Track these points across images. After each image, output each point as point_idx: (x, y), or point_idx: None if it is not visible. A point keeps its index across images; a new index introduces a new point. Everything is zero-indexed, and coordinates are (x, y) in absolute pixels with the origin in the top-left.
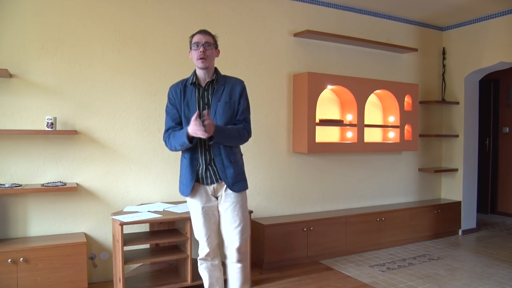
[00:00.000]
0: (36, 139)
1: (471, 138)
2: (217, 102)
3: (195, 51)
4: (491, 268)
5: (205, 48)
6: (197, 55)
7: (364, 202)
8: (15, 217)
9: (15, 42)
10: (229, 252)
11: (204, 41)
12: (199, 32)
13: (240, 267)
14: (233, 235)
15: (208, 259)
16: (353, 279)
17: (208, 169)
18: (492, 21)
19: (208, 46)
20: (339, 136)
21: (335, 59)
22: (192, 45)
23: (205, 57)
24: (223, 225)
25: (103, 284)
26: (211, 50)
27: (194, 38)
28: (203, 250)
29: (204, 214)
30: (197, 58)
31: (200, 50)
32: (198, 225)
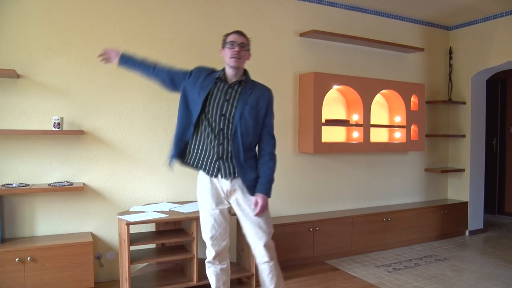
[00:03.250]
0: (43, 139)
1: (478, 138)
2: (244, 105)
3: (229, 49)
4: (499, 269)
5: (240, 49)
6: (231, 53)
7: (370, 202)
8: (22, 217)
9: (22, 43)
10: (258, 254)
11: (240, 42)
12: (235, 32)
13: (272, 265)
14: (259, 235)
15: (215, 262)
16: (359, 279)
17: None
18: (499, 20)
19: (243, 47)
20: (345, 136)
21: (341, 59)
22: (226, 43)
23: (239, 57)
24: (247, 228)
25: (109, 283)
26: (245, 51)
27: (229, 37)
28: (210, 253)
29: (214, 216)
30: (230, 57)
31: (235, 49)
32: (206, 226)
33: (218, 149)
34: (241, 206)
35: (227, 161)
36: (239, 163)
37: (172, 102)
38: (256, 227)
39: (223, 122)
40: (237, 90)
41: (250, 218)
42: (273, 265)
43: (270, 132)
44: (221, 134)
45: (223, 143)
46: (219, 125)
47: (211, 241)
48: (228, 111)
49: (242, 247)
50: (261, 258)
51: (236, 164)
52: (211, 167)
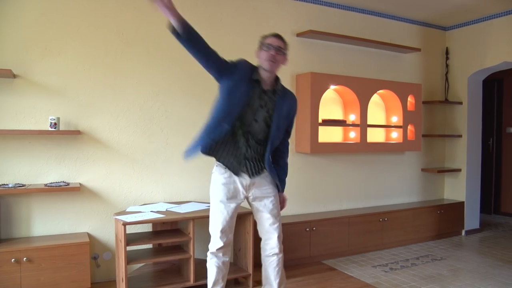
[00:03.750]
0: (39, 139)
1: (474, 138)
2: (279, 116)
3: (265, 52)
4: (495, 269)
5: (276, 52)
6: (267, 56)
7: (367, 202)
8: (18, 217)
9: (18, 43)
10: (270, 245)
11: (277, 45)
12: (274, 36)
13: (281, 257)
14: (274, 227)
15: (219, 254)
16: (355, 279)
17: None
18: (496, 20)
19: (279, 51)
20: (342, 136)
21: (338, 59)
22: (264, 45)
23: (274, 61)
24: (264, 219)
25: (106, 284)
26: (281, 56)
27: (267, 39)
28: (217, 243)
29: (228, 210)
30: (265, 59)
31: (271, 52)
32: (218, 219)
33: (247, 151)
34: (259, 198)
35: (253, 162)
36: (267, 164)
37: (168, 102)
38: (273, 218)
39: (257, 126)
40: (271, 97)
41: (268, 211)
42: (281, 258)
43: (289, 135)
44: (252, 137)
45: (254, 146)
46: (251, 128)
47: (220, 233)
48: (262, 117)
49: (239, 247)
50: (272, 250)
51: (264, 165)
52: (239, 166)
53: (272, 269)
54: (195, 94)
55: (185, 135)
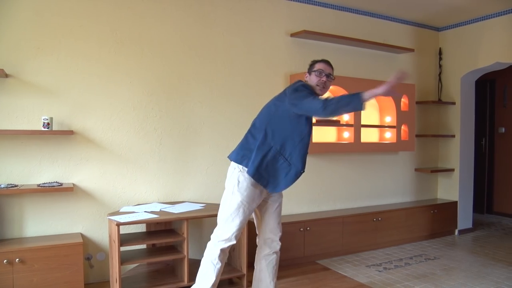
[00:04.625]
0: (32, 139)
1: (467, 138)
2: None
3: (317, 77)
4: (487, 268)
5: (327, 79)
6: (318, 82)
7: (361, 202)
8: (11, 218)
9: (11, 42)
10: (274, 243)
11: (327, 72)
12: (324, 62)
13: (279, 255)
14: (279, 227)
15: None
16: (349, 279)
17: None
18: (488, 21)
19: (329, 78)
20: (336, 136)
21: (332, 59)
22: (315, 71)
23: (326, 87)
24: (271, 220)
25: (99, 284)
26: (330, 81)
27: (318, 64)
28: (231, 241)
29: (251, 211)
30: (318, 84)
31: (322, 79)
32: (241, 217)
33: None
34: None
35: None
36: None
37: (162, 102)
38: (278, 218)
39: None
40: None
41: (277, 210)
42: (278, 257)
43: None
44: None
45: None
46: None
47: (237, 232)
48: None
49: (233, 247)
50: (273, 248)
51: None
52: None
53: (271, 268)
54: (188, 94)
55: (179, 135)
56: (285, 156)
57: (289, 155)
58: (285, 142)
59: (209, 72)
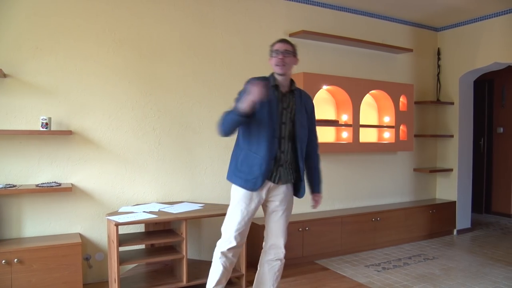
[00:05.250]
0: (30, 139)
1: (465, 138)
2: (300, 114)
3: (274, 58)
4: (486, 268)
5: (284, 56)
6: (276, 61)
7: (360, 202)
8: (9, 218)
9: (9, 42)
10: (276, 249)
11: (284, 49)
12: (280, 41)
13: (283, 264)
14: (283, 233)
15: (229, 254)
16: (348, 279)
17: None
18: (487, 22)
19: (287, 53)
20: (335, 136)
21: (330, 60)
22: (272, 52)
23: (283, 64)
24: (275, 226)
25: (98, 284)
26: (290, 58)
27: (274, 46)
28: (230, 243)
29: (248, 211)
30: (275, 64)
31: (279, 57)
32: (237, 219)
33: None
34: (278, 204)
35: (286, 168)
36: (299, 168)
37: (161, 102)
38: (284, 226)
39: (285, 130)
40: (290, 97)
41: (282, 217)
42: (283, 264)
43: (315, 135)
44: (283, 142)
45: (285, 151)
46: (281, 133)
47: (236, 233)
48: (289, 119)
49: None
50: (277, 255)
51: (296, 169)
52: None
53: (273, 274)
54: (187, 93)
55: (178, 135)
56: (253, 151)
57: (256, 149)
58: (251, 139)
59: (208, 72)
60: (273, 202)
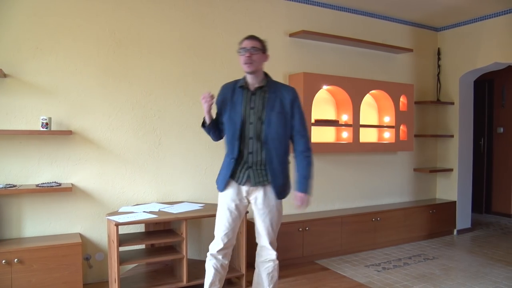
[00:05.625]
0: (30, 139)
1: (466, 138)
2: (271, 112)
3: (242, 56)
4: (486, 268)
5: (251, 53)
6: (243, 60)
7: (360, 202)
8: (9, 218)
9: (9, 42)
10: (265, 250)
11: (251, 46)
12: (247, 38)
13: (276, 264)
14: (267, 235)
15: (219, 256)
16: (348, 279)
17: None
18: (487, 21)
19: (255, 50)
20: (335, 136)
21: (330, 60)
22: (239, 50)
23: (251, 62)
24: (259, 227)
25: (98, 284)
26: (258, 54)
27: (242, 43)
28: (217, 245)
29: (230, 213)
30: (243, 63)
31: (246, 55)
32: (221, 220)
33: (248, 158)
34: (258, 206)
35: (257, 170)
36: (272, 169)
37: (161, 102)
38: (269, 227)
39: (253, 130)
40: (260, 96)
41: (264, 219)
42: (277, 265)
43: (300, 132)
44: (251, 142)
45: (254, 151)
46: (249, 133)
47: (222, 233)
48: (257, 118)
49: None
50: (268, 256)
51: (269, 170)
52: (241, 175)
53: (266, 274)
54: (187, 93)
55: (178, 135)
56: (226, 153)
57: (226, 151)
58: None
59: (208, 72)
60: (254, 204)
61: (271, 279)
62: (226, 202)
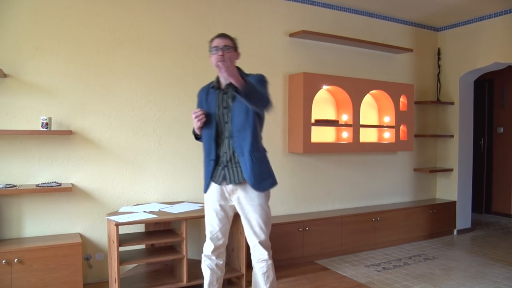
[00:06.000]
0: (31, 140)
1: (466, 138)
2: (237, 103)
3: (214, 55)
4: (486, 268)
5: (224, 52)
6: (216, 59)
7: (360, 202)
8: (9, 218)
9: (10, 42)
10: (256, 251)
11: (223, 45)
12: (218, 36)
13: (270, 264)
14: (253, 234)
15: (212, 257)
16: (348, 279)
17: (226, 169)
18: (487, 21)
19: (228, 49)
20: (335, 136)
21: (330, 60)
22: (211, 49)
23: (224, 61)
24: (245, 226)
25: (98, 284)
26: (230, 53)
27: (213, 42)
28: (209, 246)
29: (216, 213)
30: (216, 62)
31: (219, 54)
32: (208, 221)
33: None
34: (242, 205)
35: (232, 168)
36: (243, 162)
37: (161, 102)
38: (256, 227)
39: (227, 129)
40: (230, 93)
41: (249, 218)
42: (270, 264)
43: None
44: (227, 141)
45: (228, 149)
46: (225, 133)
47: (210, 235)
48: (230, 117)
49: (232, 247)
50: (260, 256)
51: (242, 164)
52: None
53: (261, 274)
54: (187, 94)
55: (178, 135)
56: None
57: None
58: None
59: (208, 72)
60: (238, 204)
61: (267, 279)
62: (211, 203)
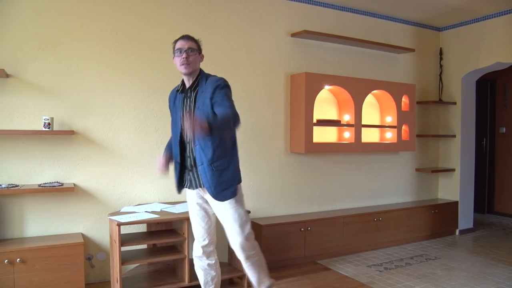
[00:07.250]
0: (33, 139)
1: (468, 138)
2: (202, 105)
3: (178, 57)
4: (488, 268)
5: (188, 54)
6: (180, 61)
7: (361, 202)
8: (11, 218)
9: (12, 42)
10: (237, 253)
11: (187, 47)
12: (182, 38)
13: (248, 265)
14: (233, 238)
15: (203, 257)
16: (350, 279)
17: (190, 173)
18: (489, 21)
19: (192, 51)
20: (337, 136)
21: (332, 60)
22: (175, 51)
23: (188, 63)
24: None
25: (100, 284)
26: (194, 55)
27: (176, 44)
28: (196, 247)
29: (196, 212)
30: (179, 64)
31: (183, 56)
32: (192, 223)
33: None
34: (213, 207)
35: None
36: (202, 169)
37: (163, 102)
38: (229, 228)
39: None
40: (191, 96)
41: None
42: (249, 265)
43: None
44: (189, 146)
45: (190, 155)
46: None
47: (195, 236)
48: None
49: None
50: (239, 255)
51: (200, 171)
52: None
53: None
54: None
55: None
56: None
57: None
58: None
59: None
60: (212, 205)
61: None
62: (190, 203)
